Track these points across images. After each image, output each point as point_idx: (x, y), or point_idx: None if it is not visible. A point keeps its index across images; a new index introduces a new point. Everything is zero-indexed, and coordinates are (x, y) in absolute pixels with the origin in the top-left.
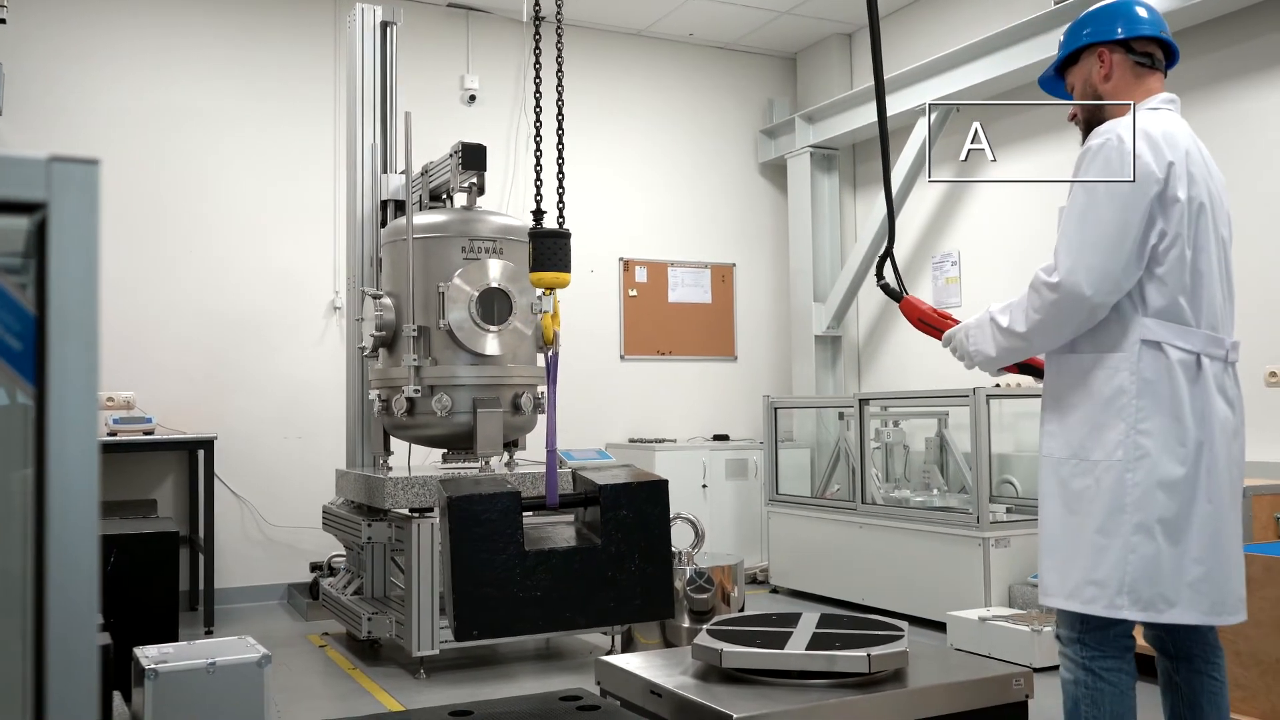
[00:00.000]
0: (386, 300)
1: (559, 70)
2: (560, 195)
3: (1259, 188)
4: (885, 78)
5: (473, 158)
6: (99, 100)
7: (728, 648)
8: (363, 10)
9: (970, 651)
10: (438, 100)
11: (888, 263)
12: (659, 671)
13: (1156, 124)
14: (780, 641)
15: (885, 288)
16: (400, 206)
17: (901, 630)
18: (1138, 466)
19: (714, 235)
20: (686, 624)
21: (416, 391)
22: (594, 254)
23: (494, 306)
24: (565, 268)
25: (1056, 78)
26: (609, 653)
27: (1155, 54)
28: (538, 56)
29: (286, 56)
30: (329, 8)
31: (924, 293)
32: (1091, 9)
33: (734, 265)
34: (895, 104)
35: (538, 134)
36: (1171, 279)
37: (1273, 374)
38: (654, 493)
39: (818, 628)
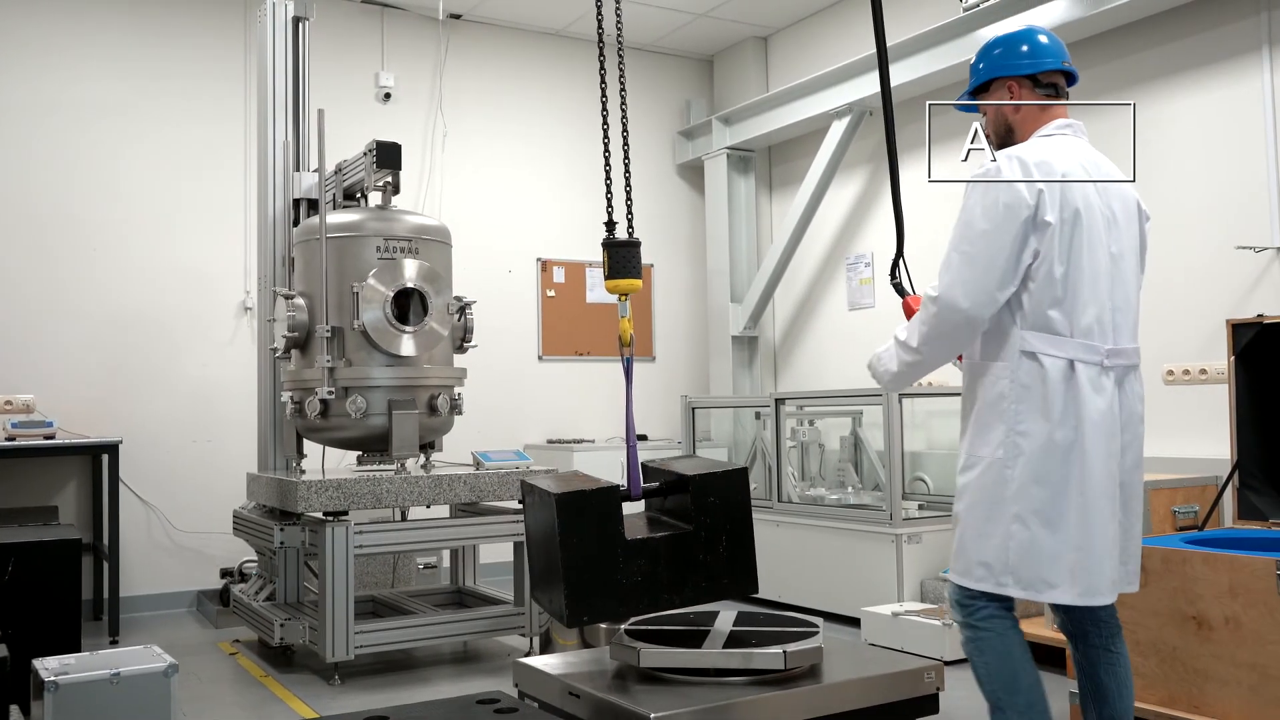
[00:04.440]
0: (299, 300)
1: (622, 87)
2: (629, 206)
3: (1152, 195)
4: (800, 81)
5: (387, 156)
6: (0, 95)
7: (645, 648)
8: (274, 5)
9: (884, 646)
10: (352, 97)
11: (900, 264)
12: (577, 673)
13: (1036, 152)
14: (697, 640)
15: (898, 287)
16: (313, 205)
17: (816, 627)
18: (1015, 464)
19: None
20: (604, 624)
21: (330, 393)
22: (511, 254)
23: (409, 307)
24: (637, 274)
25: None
26: (527, 654)
27: (1059, 84)
28: (603, 75)
29: (196, 51)
30: (239, 2)
31: (838, 294)
32: (998, 37)
33: (651, 266)
34: (811, 107)
35: (606, 149)
36: (1043, 294)
37: (1169, 373)
38: (738, 479)
39: (734, 626)
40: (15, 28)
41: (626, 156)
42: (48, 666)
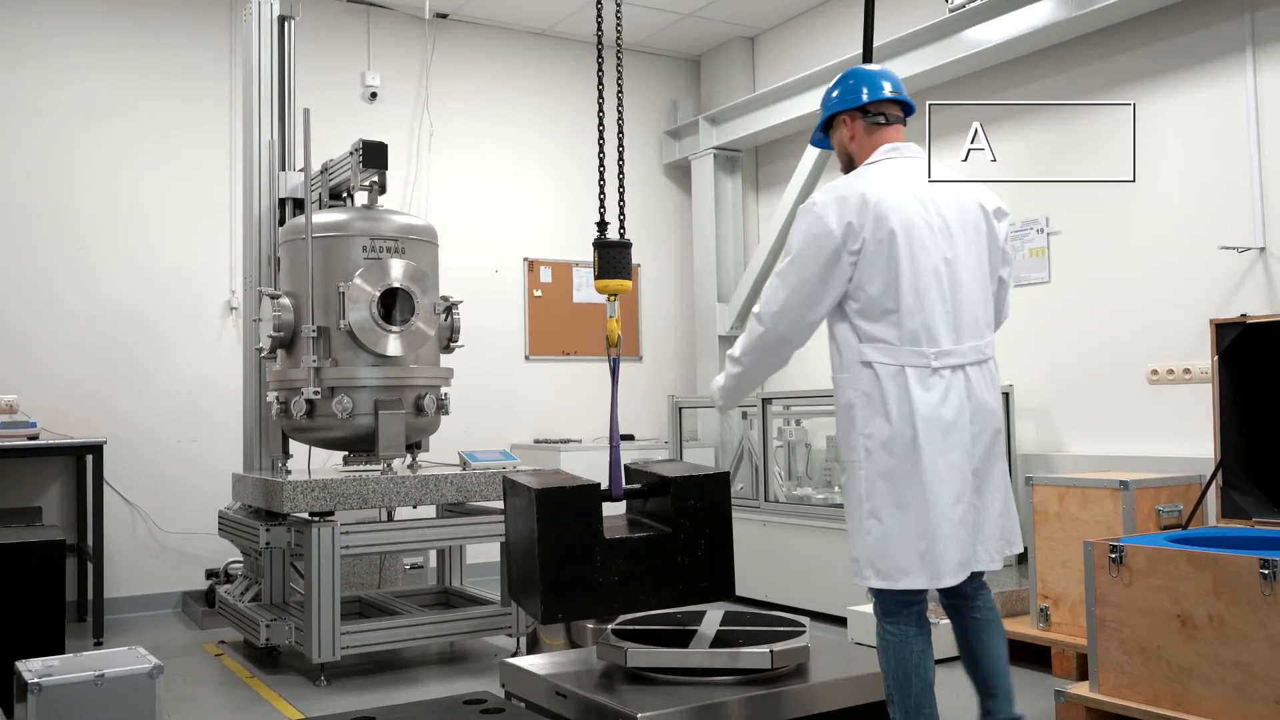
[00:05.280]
0: (285, 300)
1: (619, 88)
2: (621, 207)
3: (1136, 195)
4: (787, 81)
5: (374, 156)
6: None
7: (632, 648)
8: (259, 4)
9: (870, 645)
10: (338, 97)
11: None
12: (564, 673)
13: (853, 185)
14: (684, 640)
15: None
16: (299, 205)
17: (803, 626)
18: (867, 464)
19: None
20: (591, 624)
21: (316, 393)
22: (498, 254)
23: (395, 307)
24: (627, 275)
25: (825, 137)
26: (514, 654)
27: (889, 112)
28: (601, 79)
29: (181, 50)
30: (224, 1)
31: None
32: (838, 79)
33: (638, 265)
34: (797, 107)
35: (602, 149)
36: (868, 309)
37: (1154, 372)
38: (719, 483)
39: (721, 625)
40: (15, 28)
41: (621, 157)
42: (31, 668)
